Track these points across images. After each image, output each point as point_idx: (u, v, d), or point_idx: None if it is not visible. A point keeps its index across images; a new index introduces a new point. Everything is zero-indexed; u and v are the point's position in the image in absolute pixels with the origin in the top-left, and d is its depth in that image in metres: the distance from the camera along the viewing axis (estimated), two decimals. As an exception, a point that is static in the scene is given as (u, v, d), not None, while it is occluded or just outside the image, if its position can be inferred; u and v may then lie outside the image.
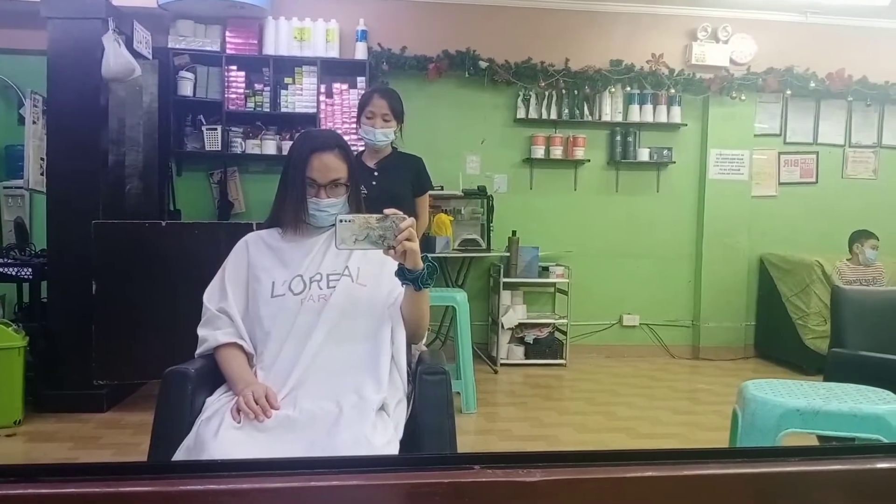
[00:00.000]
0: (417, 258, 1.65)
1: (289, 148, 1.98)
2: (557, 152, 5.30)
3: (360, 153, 3.20)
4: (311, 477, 0.58)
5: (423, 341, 1.93)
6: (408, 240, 1.62)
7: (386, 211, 1.62)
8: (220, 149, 4.83)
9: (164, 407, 1.68)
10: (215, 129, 4.82)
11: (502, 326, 5.03)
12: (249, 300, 1.80)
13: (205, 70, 4.86)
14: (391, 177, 3.15)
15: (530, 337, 5.11)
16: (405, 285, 1.72)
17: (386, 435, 1.58)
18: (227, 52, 4.88)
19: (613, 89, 5.29)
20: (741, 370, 5.13)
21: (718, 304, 5.50)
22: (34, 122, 4.05)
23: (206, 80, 4.87)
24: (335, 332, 1.72)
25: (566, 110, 5.30)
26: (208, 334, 1.78)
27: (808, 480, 0.64)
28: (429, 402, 1.73)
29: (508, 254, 5.06)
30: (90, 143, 3.74)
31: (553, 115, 5.29)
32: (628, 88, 5.31)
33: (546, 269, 5.17)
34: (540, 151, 5.29)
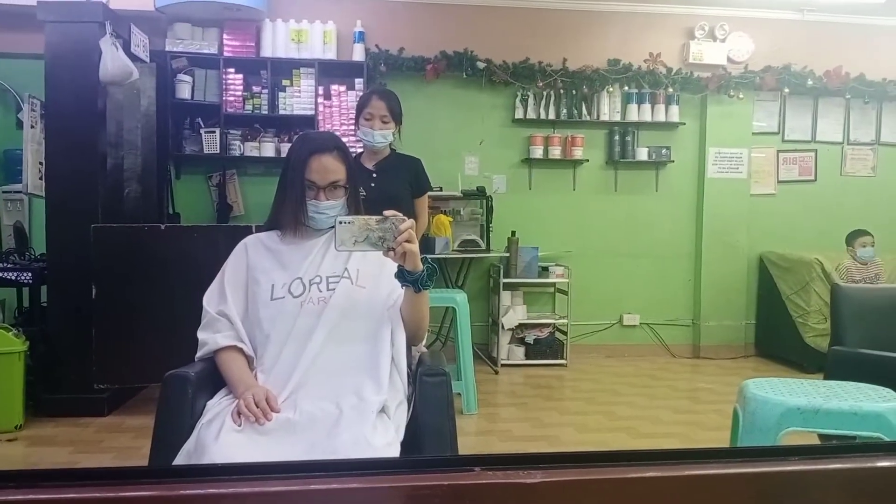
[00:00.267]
0: (417, 259, 1.65)
1: (287, 150, 1.98)
2: (556, 152, 5.31)
3: (358, 155, 3.20)
4: (311, 480, 0.58)
5: (423, 343, 1.92)
6: (407, 241, 1.62)
7: (385, 212, 1.62)
8: (218, 151, 4.83)
9: (165, 410, 1.68)
10: (213, 132, 4.81)
11: (502, 327, 5.03)
12: (249, 303, 1.80)
13: (202, 73, 4.86)
14: (390, 178, 3.15)
15: (530, 337, 5.12)
16: (405, 287, 1.71)
17: (386, 437, 1.58)
18: (225, 54, 4.88)
19: (611, 89, 5.30)
20: (741, 369, 5.13)
21: (718, 303, 5.51)
22: (32, 127, 4.05)
23: (204, 83, 4.87)
24: (335, 334, 1.72)
25: (564, 110, 5.31)
26: (208, 337, 1.78)
27: (809, 479, 0.64)
28: (429, 404, 1.73)
29: (508, 254, 5.06)
30: (88, 146, 3.74)
31: (551, 115, 5.29)
32: (626, 88, 5.31)
33: (546, 269, 5.18)
34: (538, 151, 5.29)
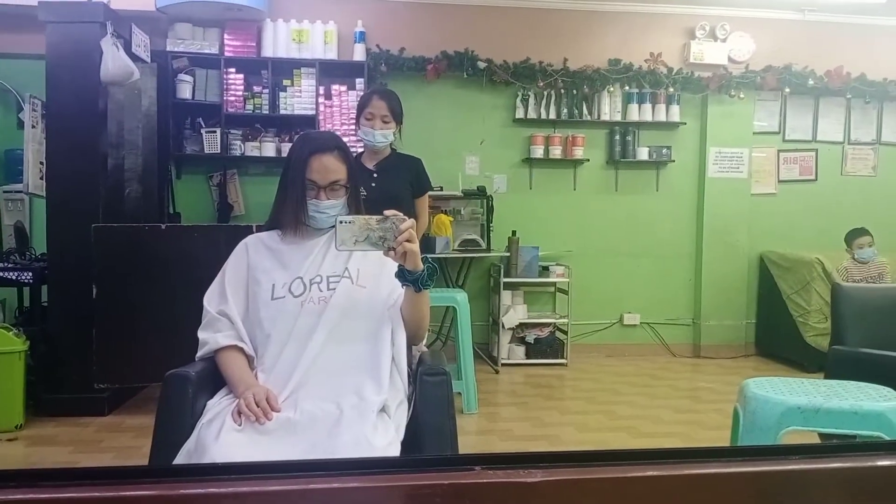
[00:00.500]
0: (417, 259, 1.65)
1: (288, 150, 1.98)
2: (556, 152, 5.30)
3: (359, 155, 3.20)
4: (312, 479, 0.58)
5: (424, 342, 1.92)
6: (408, 241, 1.62)
7: (386, 212, 1.62)
8: (219, 151, 4.83)
9: (165, 410, 1.68)
10: (214, 132, 4.82)
11: (503, 326, 5.03)
12: (249, 303, 1.80)
13: (203, 73, 4.86)
14: (390, 178, 3.15)
15: (531, 337, 5.12)
16: (405, 286, 1.71)
17: (387, 436, 1.58)
18: (226, 54, 4.88)
19: (612, 89, 5.29)
20: (742, 368, 5.12)
21: (719, 303, 5.51)
22: (33, 126, 4.05)
23: (205, 83, 4.87)
24: (335, 333, 1.72)
25: (565, 110, 5.31)
26: (209, 337, 1.78)
27: (809, 478, 0.64)
28: (430, 403, 1.73)
29: (508, 254, 5.06)
30: (89, 146, 3.75)
31: (552, 115, 5.29)
32: (627, 88, 5.31)
33: (546, 268, 5.18)
34: (539, 151, 5.29)
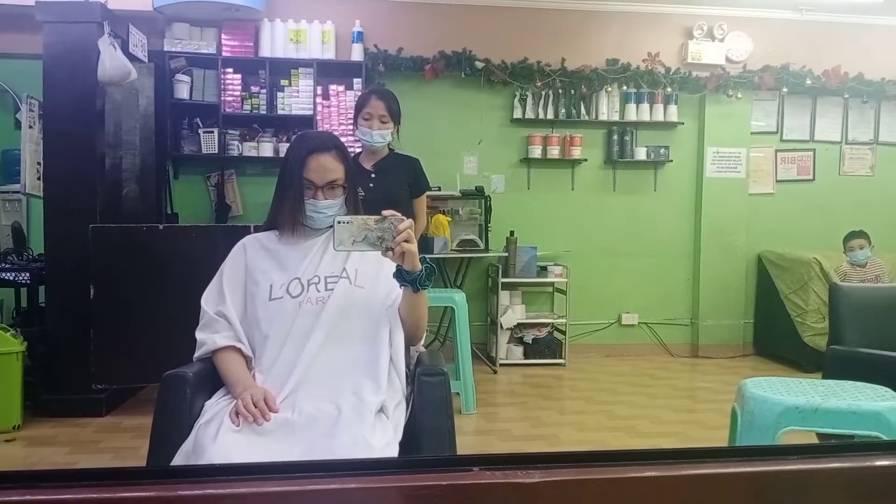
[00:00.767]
0: (416, 259, 1.65)
1: (286, 150, 1.98)
2: (554, 152, 5.31)
3: (357, 155, 3.20)
4: (310, 480, 0.58)
5: (422, 342, 1.92)
6: (406, 241, 1.61)
7: (384, 212, 1.62)
8: (216, 151, 4.82)
9: (163, 411, 1.68)
10: (212, 132, 4.81)
11: (501, 326, 5.03)
12: (247, 303, 1.80)
13: (201, 73, 4.86)
14: (388, 178, 3.14)
15: (529, 337, 5.12)
16: (403, 286, 1.71)
17: (385, 437, 1.58)
18: (223, 54, 4.87)
19: (610, 88, 5.30)
20: (740, 368, 5.13)
21: (717, 302, 5.51)
22: (30, 127, 4.04)
23: (203, 83, 4.86)
24: (333, 334, 1.72)
25: (563, 110, 5.31)
26: (206, 338, 1.77)
27: (807, 479, 0.64)
28: (428, 404, 1.73)
29: (507, 254, 5.06)
30: (87, 147, 3.74)
31: (550, 115, 5.29)
32: (625, 87, 5.31)
33: (544, 268, 5.18)
34: (537, 151, 5.29)
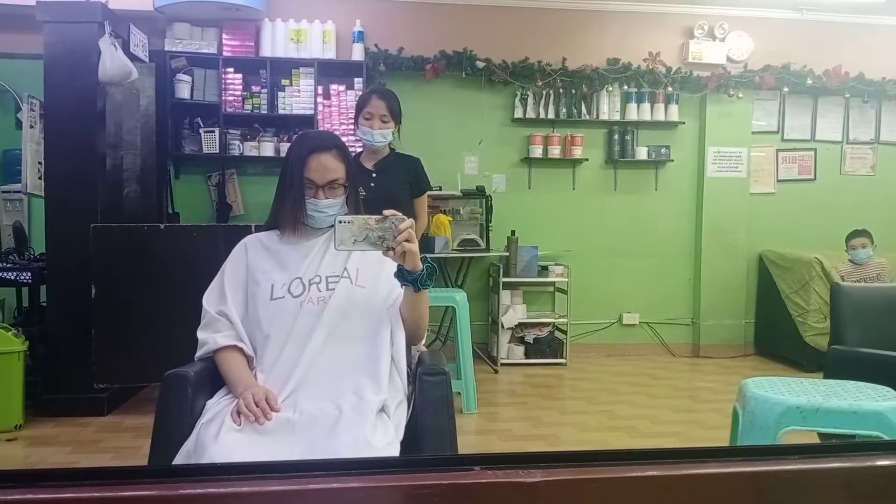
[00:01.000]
0: (416, 259, 1.65)
1: (287, 149, 1.98)
2: (555, 151, 5.30)
3: (357, 155, 3.20)
4: (311, 479, 0.58)
5: (423, 342, 1.92)
6: (407, 241, 1.61)
7: (385, 212, 1.62)
8: (217, 151, 4.83)
9: (164, 410, 1.68)
10: (213, 132, 4.81)
11: (502, 326, 5.03)
12: (249, 303, 1.80)
13: (202, 72, 4.86)
14: (389, 178, 3.15)
15: (530, 336, 5.11)
16: (404, 286, 1.71)
17: (386, 436, 1.58)
18: (224, 54, 4.87)
19: (611, 88, 5.30)
20: (741, 368, 5.12)
21: (718, 302, 5.51)
22: (31, 127, 4.04)
23: (203, 83, 4.86)
24: (334, 333, 1.72)
25: (564, 109, 5.31)
26: (208, 337, 1.77)
27: (808, 478, 0.64)
28: (429, 403, 1.73)
29: (508, 253, 5.06)
30: (88, 146, 3.74)
31: (551, 115, 5.29)
32: (626, 87, 5.31)
33: (545, 268, 5.17)
34: (538, 151, 5.29)
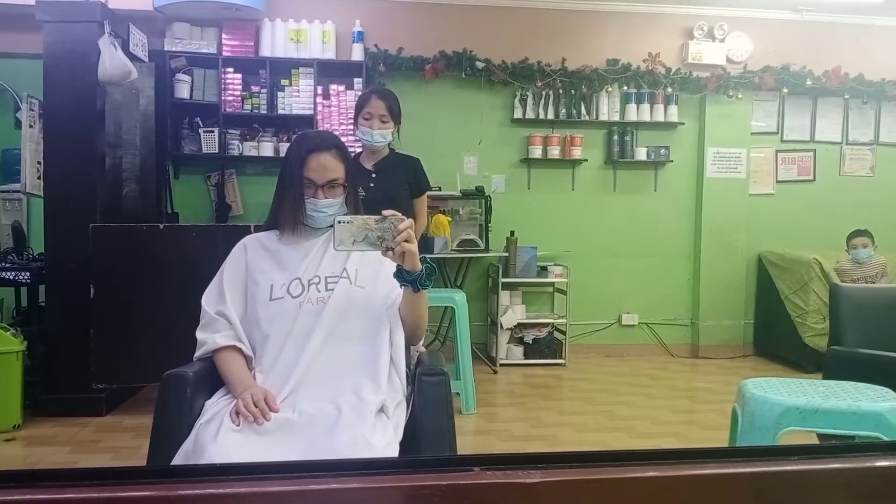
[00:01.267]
0: (416, 259, 1.64)
1: (286, 149, 1.98)
2: (555, 152, 5.30)
3: (357, 155, 3.20)
4: (310, 480, 0.58)
5: (422, 342, 1.92)
6: (406, 241, 1.61)
7: (384, 212, 1.62)
8: (217, 151, 4.82)
9: (163, 410, 1.68)
10: (212, 132, 4.81)
11: (501, 326, 5.03)
12: (248, 303, 1.80)
13: (201, 72, 4.86)
14: (389, 178, 3.14)
15: (529, 337, 5.11)
16: (403, 286, 1.71)
17: (385, 437, 1.58)
18: (224, 54, 4.87)
19: (610, 89, 5.30)
20: (740, 368, 5.13)
21: (717, 303, 5.51)
22: (31, 126, 4.04)
23: (203, 83, 4.86)
24: (334, 334, 1.72)
25: (563, 110, 5.31)
26: (207, 337, 1.77)
27: (807, 479, 0.64)
28: (428, 404, 1.73)
29: (507, 254, 5.06)
30: (87, 146, 3.74)
31: (550, 115, 5.29)
32: (625, 88, 5.31)
33: (544, 268, 5.18)
34: (537, 151, 5.29)
